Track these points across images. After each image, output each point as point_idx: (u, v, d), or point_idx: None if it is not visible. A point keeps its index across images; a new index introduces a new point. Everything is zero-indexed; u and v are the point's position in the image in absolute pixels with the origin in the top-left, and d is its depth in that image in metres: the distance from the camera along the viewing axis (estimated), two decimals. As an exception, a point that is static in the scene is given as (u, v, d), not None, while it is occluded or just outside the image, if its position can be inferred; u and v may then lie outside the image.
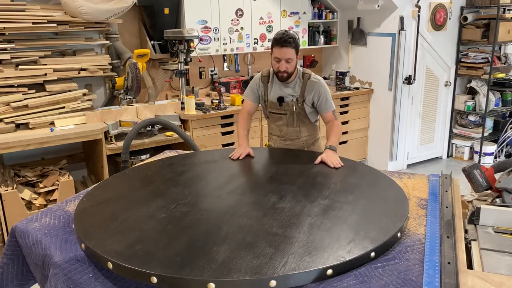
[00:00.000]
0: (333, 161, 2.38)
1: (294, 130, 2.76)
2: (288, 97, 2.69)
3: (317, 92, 2.64)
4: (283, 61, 2.54)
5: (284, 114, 2.72)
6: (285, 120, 2.74)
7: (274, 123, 2.81)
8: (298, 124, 2.74)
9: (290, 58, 2.53)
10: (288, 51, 2.51)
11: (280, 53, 2.52)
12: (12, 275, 1.93)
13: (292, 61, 2.55)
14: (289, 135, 2.79)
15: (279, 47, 2.51)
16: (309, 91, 2.64)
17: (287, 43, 2.49)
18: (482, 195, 2.06)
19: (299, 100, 2.66)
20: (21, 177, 3.45)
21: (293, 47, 2.52)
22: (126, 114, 3.79)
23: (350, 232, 1.65)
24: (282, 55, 2.52)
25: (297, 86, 2.67)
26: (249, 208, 1.88)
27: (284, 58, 2.53)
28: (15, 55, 3.45)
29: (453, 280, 1.38)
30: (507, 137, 5.34)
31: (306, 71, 2.69)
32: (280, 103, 2.70)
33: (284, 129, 2.78)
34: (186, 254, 1.51)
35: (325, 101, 2.66)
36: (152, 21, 4.18)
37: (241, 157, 2.55)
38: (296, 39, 2.55)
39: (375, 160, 5.29)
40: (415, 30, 4.79)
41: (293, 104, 2.67)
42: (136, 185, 2.24)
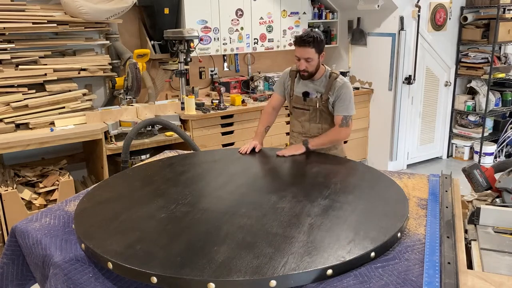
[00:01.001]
0: (287, 151, 2.51)
1: (316, 127, 2.74)
2: (313, 93, 2.70)
3: (338, 92, 2.63)
4: (303, 60, 2.55)
5: (307, 110, 2.73)
6: (307, 116, 2.74)
7: (297, 118, 2.80)
8: (321, 121, 2.73)
9: (309, 57, 2.54)
10: (306, 51, 2.52)
11: (299, 52, 2.55)
12: (12, 275, 1.93)
13: (312, 60, 2.55)
14: (310, 131, 2.76)
15: (298, 46, 2.55)
16: (333, 90, 2.64)
17: (305, 43, 2.51)
18: (482, 195, 2.06)
19: (323, 97, 2.66)
20: (21, 177, 3.45)
21: (313, 47, 2.51)
22: (126, 114, 3.79)
23: (350, 232, 1.65)
24: (301, 54, 2.54)
25: (323, 84, 2.67)
26: (249, 208, 1.88)
27: (303, 57, 2.55)
28: (15, 55, 3.45)
29: (453, 280, 1.38)
30: (507, 137, 5.34)
31: (334, 72, 2.70)
32: (304, 98, 2.71)
33: (306, 125, 2.76)
34: (186, 254, 1.51)
35: (341, 101, 2.63)
36: (152, 21, 4.18)
37: (248, 151, 2.61)
38: (318, 39, 2.53)
39: (375, 160, 5.29)
40: (415, 30, 4.79)
41: (317, 101, 2.68)
42: (136, 185, 2.24)
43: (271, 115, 2.84)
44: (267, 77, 4.94)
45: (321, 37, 2.57)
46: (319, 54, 2.57)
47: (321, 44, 2.57)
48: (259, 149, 2.65)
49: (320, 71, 2.66)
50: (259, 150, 2.64)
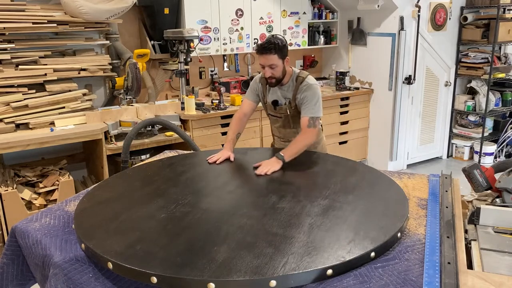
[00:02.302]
0: (263, 169, 2.25)
1: (291, 132, 2.75)
2: (282, 100, 2.67)
3: (303, 94, 2.56)
4: (267, 67, 2.51)
5: (279, 117, 2.73)
6: (281, 123, 2.75)
7: (273, 124, 2.83)
8: (295, 126, 2.71)
9: (272, 64, 2.49)
10: (269, 58, 2.48)
11: (262, 59, 2.51)
12: (12, 275, 1.93)
13: (277, 66, 2.51)
14: (287, 136, 2.78)
15: (260, 54, 2.51)
16: (299, 93, 2.59)
17: (267, 50, 2.46)
18: (482, 195, 2.06)
19: (292, 103, 2.63)
20: (21, 177, 3.45)
21: (275, 53, 2.46)
22: (126, 114, 3.79)
23: (350, 232, 1.65)
24: (264, 62, 2.51)
25: (290, 89, 2.63)
26: (249, 208, 1.88)
27: (266, 65, 2.51)
28: (15, 55, 3.45)
29: (453, 280, 1.38)
30: (507, 137, 5.34)
31: (301, 75, 2.61)
32: (274, 107, 2.70)
33: (282, 131, 2.79)
34: (186, 254, 1.51)
35: (307, 103, 2.53)
36: (152, 21, 4.18)
37: (218, 162, 2.46)
38: (280, 44, 2.47)
39: (375, 160, 5.29)
40: (415, 30, 4.79)
41: (287, 108, 2.65)
42: (136, 185, 2.24)
43: (242, 122, 2.71)
44: (267, 77, 4.93)
45: (283, 42, 2.52)
46: (282, 59, 2.52)
47: (284, 49, 2.51)
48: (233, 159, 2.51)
49: (287, 76, 2.62)
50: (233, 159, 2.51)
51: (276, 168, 2.28)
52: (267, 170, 2.25)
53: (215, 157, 2.49)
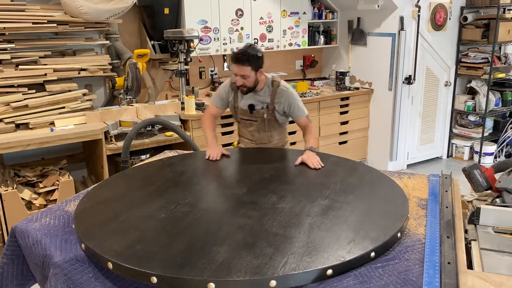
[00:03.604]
0: (314, 162, 2.39)
1: (265, 135, 2.79)
2: (259, 105, 2.70)
3: (287, 102, 2.66)
4: (239, 76, 2.55)
5: (255, 121, 2.75)
6: (256, 126, 2.76)
7: (246, 128, 2.83)
8: (269, 129, 2.77)
9: (245, 75, 2.52)
10: (242, 68, 2.50)
11: (235, 68, 2.54)
12: (12, 275, 1.93)
13: (249, 77, 2.54)
14: (260, 140, 2.81)
15: (233, 63, 2.54)
16: (279, 99, 2.66)
17: (239, 61, 2.49)
18: (482, 195, 2.06)
19: (270, 107, 2.68)
20: (21, 177, 3.45)
21: (249, 65, 2.49)
22: (126, 114, 3.79)
23: (350, 232, 1.65)
24: (237, 71, 2.54)
25: (266, 94, 2.68)
26: (249, 208, 1.88)
27: (239, 74, 2.54)
28: (15, 55, 3.45)
29: (453, 280, 1.38)
30: (507, 137, 5.34)
31: (275, 79, 2.70)
32: (251, 111, 2.71)
33: (256, 134, 2.80)
34: (186, 254, 1.52)
35: (297, 108, 2.68)
36: (152, 21, 4.18)
37: (218, 158, 2.54)
38: (255, 56, 2.50)
39: (375, 160, 5.28)
40: (415, 30, 4.79)
41: (264, 112, 2.69)
42: (136, 185, 2.24)
43: (213, 122, 2.81)
44: (267, 77, 4.93)
45: (258, 53, 2.53)
46: (256, 71, 2.54)
47: (258, 61, 2.53)
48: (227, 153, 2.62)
49: (261, 82, 2.65)
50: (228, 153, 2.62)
51: (318, 158, 2.44)
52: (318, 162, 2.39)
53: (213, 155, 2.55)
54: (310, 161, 2.40)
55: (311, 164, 2.38)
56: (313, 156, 2.44)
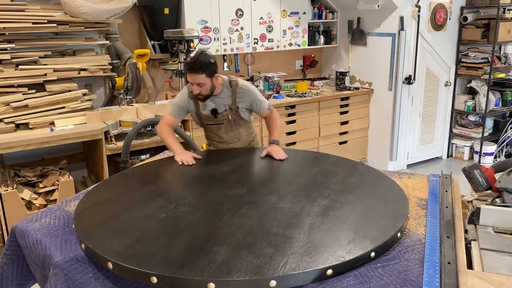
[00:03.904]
0: (278, 154, 2.54)
1: (233, 134, 2.81)
2: (221, 108, 2.70)
3: (248, 100, 2.70)
4: (195, 85, 2.53)
5: (221, 124, 2.75)
6: (223, 129, 2.77)
7: (213, 132, 2.82)
8: (237, 128, 2.78)
9: (200, 82, 2.51)
10: (196, 77, 2.49)
11: (190, 77, 2.52)
12: (12, 275, 1.93)
13: (205, 85, 2.53)
14: (230, 140, 2.83)
15: (187, 72, 2.52)
16: (240, 98, 2.68)
17: (193, 70, 2.47)
18: (482, 195, 2.06)
19: (233, 107, 2.69)
20: (21, 177, 3.45)
21: (202, 73, 2.47)
22: (126, 114, 3.79)
23: (350, 232, 1.65)
24: (192, 80, 2.52)
25: (227, 95, 2.68)
26: (249, 208, 1.88)
27: (194, 83, 2.52)
28: (15, 55, 3.45)
29: (453, 280, 1.38)
30: (507, 137, 5.34)
31: (232, 79, 2.70)
32: (215, 115, 2.71)
33: (224, 136, 2.81)
34: (186, 254, 1.52)
35: (259, 103, 2.73)
36: (152, 21, 4.18)
37: (192, 163, 2.50)
38: (208, 62, 2.48)
39: (375, 160, 5.28)
40: (415, 30, 4.79)
41: (228, 113, 2.70)
42: (136, 185, 2.24)
43: (171, 130, 2.76)
44: (267, 77, 4.93)
45: (211, 60, 2.50)
46: (210, 77, 2.53)
47: (211, 68, 2.51)
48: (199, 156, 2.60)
49: (218, 86, 2.64)
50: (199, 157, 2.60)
51: (282, 150, 2.60)
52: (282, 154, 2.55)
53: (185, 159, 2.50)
54: (274, 153, 2.55)
55: (275, 155, 2.54)
56: (277, 149, 2.59)
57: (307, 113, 4.73)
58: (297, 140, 4.75)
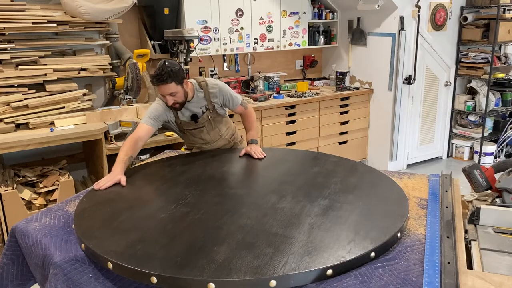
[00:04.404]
0: (257, 153, 2.61)
1: (215, 133, 2.81)
2: (199, 112, 2.69)
3: (221, 97, 2.69)
4: (168, 96, 2.48)
5: (202, 126, 2.75)
6: (205, 130, 2.77)
7: (195, 136, 2.80)
8: (217, 126, 2.80)
9: (172, 92, 2.46)
10: (167, 87, 2.43)
11: (161, 90, 2.47)
12: (12, 275, 1.93)
13: (177, 93, 2.48)
14: (212, 139, 2.83)
15: (156, 85, 2.46)
16: (214, 97, 2.67)
17: (161, 81, 2.41)
18: (482, 195, 2.06)
19: (209, 107, 2.69)
20: (21, 177, 3.45)
21: (172, 81, 2.42)
22: (126, 114, 3.79)
23: (350, 232, 1.65)
24: (164, 92, 2.46)
25: (200, 98, 2.66)
26: (249, 208, 1.88)
27: (166, 94, 2.47)
28: (15, 55, 3.45)
29: (453, 280, 1.38)
30: (507, 137, 5.34)
31: (199, 80, 2.68)
32: (195, 120, 2.71)
33: (207, 137, 2.81)
34: (186, 254, 1.52)
35: (231, 99, 2.74)
36: (152, 21, 4.18)
37: (104, 186, 2.18)
38: (174, 70, 2.42)
39: (375, 160, 5.29)
40: (415, 30, 4.79)
41: (207, 115, 2.71)
42: (136, 185, 2.24)
43: (136, 145, 2.49)
44: (267, 77, 4.94)
45: (176, 66, 2.45)
46: (181, 84, 2.48)
47: (179, 74, 2.46)
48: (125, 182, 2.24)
49: (190, 91, 2.61)
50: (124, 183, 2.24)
51: (260, 149, 2.67)
52: (260, 153, 2.62)
53: (102, 182, 2.22)
54: (253, 152, 2.61)
55: (254, 154, 2.60)
56: (255, 147, 2.66)
57: (307, 113, 4.73)
58: (297, 140, 4.75)
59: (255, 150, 2.62)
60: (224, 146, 2.89)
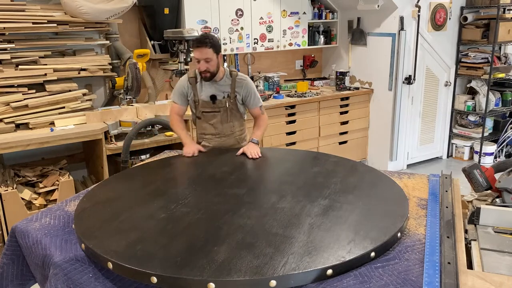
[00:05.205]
0: (252, 153, 2.62)
1: (228, 126, 2.86)
2: (220, 95, 2.78)
3: (245, 89, 2.79)
4: (202, 61, 2.62)
5: (218, 112, 2.81)
6: (219, 117, 2.83)
7: (208, 122, 2.87)
8: (232, 120, 2.85)
9: (208, 57, 2.61)
10: (204, 51, 2.59)
11: (197, 53, 2.62)
12: (12, 275, 1.93)
13: (211, 60, 2.63)
14: (224, 132, 2.87)
15: (196, 47, 2.62)
16: (239, 88, 2.78)
17: (202, 43, 2.58)
18: (482, 195, 2.06)
19: (231, 96, 2.78)
20: (21, 177, 3.45)
21: (210, 47, 2.59)
22: (126, 114, 3.79)
23: (350, 232, 1.65)
24: (200, 55, 2.61)
25: (226, 84, 2.78)
26: (249, 208, 1.88)
27: (202, 58, 2.61)
28: (15, 55, 3.45)
29: (453, 280, 1.38)
30: (507, 137, 5.34)
31: (233, 70, 2.83)
32: (213, 101, 2.78)
33: (219, 126, 2.85)
34: (186, 254, 1.52)
35: (253, 97, 2.83)
36: (152, 21, 4.18)
37: (195, 154, 2.67)
38: (215, 39, 2.64)
39: (375, 160, 5.28)
40: (415, 30, 4.79)
41: (226, 101, 2.78)
42: (136, 185, 2.24)
43: (181, 121, 2.90)
44: (267, 77, 4.94)
45: (217, 39, 2.69)
46: (217, 54, 2.65)
47: (218, 45, 2.66)
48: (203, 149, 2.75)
49: (220, 72, 2.75)
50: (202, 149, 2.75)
51: (258, 149, 2.67)
52: (256, 152, 2.62)
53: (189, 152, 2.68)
54: (249, 151, 2.63)
55: (249, 154, 2.62)
56: (252, 147, 2.68)
57: (307, 113, 4.73)
58: (297, 140, 4.75)
59: (251, 150, 2.64)
60: (233, 145, 2.90)
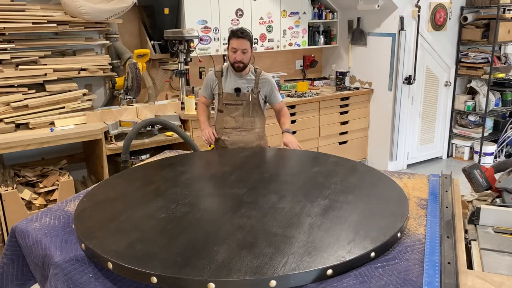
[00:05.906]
0: (292, 143, 2.81)
1: (249, 120, 3.00)
2: (244, 88, 2.96)
3: (269, 88, 3.01)
4: (240, 51, 2.83)
5: (240, 104, 2.96)
6: (241, 111, 2.97)
7: (230, 114, 3.00)
8: (253, 115, 2.99)
9: (245, 49, 2.84)
10: (243, 43, 2.82)
11: (236, 43, 2.83)
12: (12, 275, 1.93)
13: (247, 52, 2.86)
14: (244, 126, 3.01)
15: (236, 38, 2.83)
16: (262, 84, 2.99)
17: (244, 34, 2.82)
18: (482, 195, 2.06)
19: (254, 90, 2.96)
20: (21, 177, 3.45)
21: (248, 40, 2.84)
22: (126, 114, 3.79)
23: (350, 232, 1.65)
24: (238, 46, 2.82)
25: (251, 79, 2.98)
26: (249, 208, 1.88)
27: (240, 49, 2.83)
28: (15, 55, 3.45)
29: (453, 280, 1.38)
30: (507, 137, 5.34)
31: (257, 67, 3.03)
32: (237, 94, 2.93)
33: (240, 119, 2.99)
34: (186, 254, 1.51)
35: (275, 93, 3.06)
36: (152, 21, 4.18)
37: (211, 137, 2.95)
38: (251, 35, 2.90)
39: (375, 160, 5.29)
40: (415, 30, 4.79)
41: (249, 94, 2.93)
42: (136, 185, 2.24)
43: (206, 109, 3.18)
44: (267, 77, 4.94)
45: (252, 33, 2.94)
46: (251, 48, 2.89)
47: (252, 41, 2.93)
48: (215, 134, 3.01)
49: (247, 67, 2.96)
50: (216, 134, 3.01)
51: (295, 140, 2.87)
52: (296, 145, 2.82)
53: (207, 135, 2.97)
54: (291, 144, 2.81)
55: (295, 146, 2.79)
56: (292, 138, 2.87)
57: (307, 113, 4.74)
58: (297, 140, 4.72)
59: (292, 142, 2.81)
60: (251, 142, 3.02)
